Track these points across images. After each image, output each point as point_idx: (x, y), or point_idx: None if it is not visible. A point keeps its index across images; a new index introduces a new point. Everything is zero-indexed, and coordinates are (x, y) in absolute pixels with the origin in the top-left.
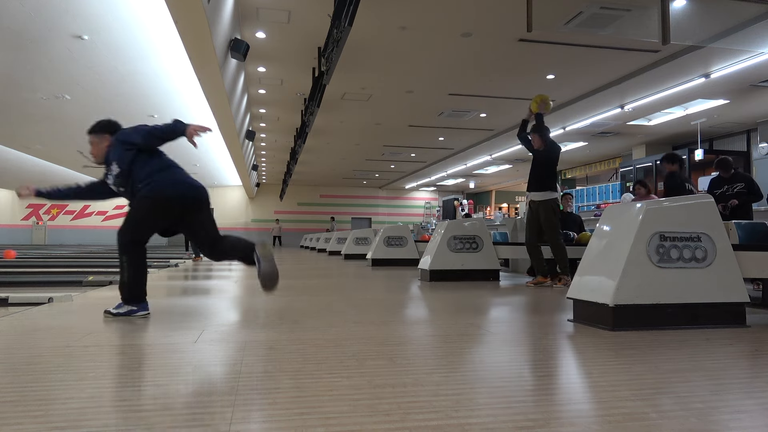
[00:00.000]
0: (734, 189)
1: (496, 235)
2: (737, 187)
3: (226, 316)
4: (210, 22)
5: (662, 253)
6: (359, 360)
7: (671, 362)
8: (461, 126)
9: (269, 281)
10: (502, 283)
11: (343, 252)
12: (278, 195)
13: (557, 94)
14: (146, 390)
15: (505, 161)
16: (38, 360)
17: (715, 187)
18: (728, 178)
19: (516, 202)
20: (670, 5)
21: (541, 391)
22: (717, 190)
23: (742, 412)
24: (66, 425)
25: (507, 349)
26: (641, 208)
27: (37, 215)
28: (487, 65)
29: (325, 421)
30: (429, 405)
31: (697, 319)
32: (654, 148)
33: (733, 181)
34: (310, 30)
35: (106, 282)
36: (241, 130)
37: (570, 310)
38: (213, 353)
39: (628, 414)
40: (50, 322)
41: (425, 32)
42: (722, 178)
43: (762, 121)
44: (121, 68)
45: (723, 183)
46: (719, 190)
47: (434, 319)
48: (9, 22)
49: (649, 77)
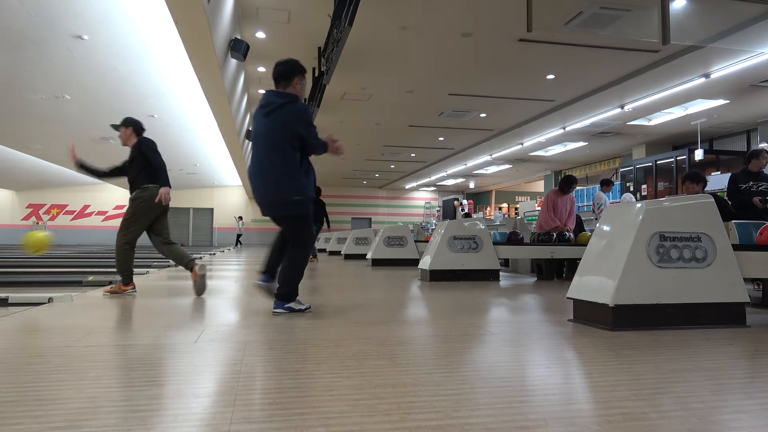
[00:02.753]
0: (759, 186)
1: (496, 235)
2: (762, 185)
3: (226, 316)
4: (210, 22)
5: (662, 253)
6: (359, 360)
7: (671, 362)
8: (461, 126)
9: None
10: (502, 283)
11: (343, 252)
12: None
13: (557, 94)
14: (146, 390)
15: (505, 161)
16: (38, 360)
17: (741, 181)
18: (756, 173)
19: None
20: (670, 5)
21: (541, 391)
22: (743, 185)
23: (742, 412)
24: (66, 425)
25: (507, 349)
26: (641, 208)
27: (37, 215)
28: (487, 65)
29: (325, 421)
30: (429, 405)
31: (697, 319)
32: (654, 148)
33: (759, 178)
34: (310, 30)
35: (106, 282)
36: (241, 130)
37: (570, 310)
38: (213, 353)
39: (628, 414)
40: (50, 322)
41: (425, 32)
42: (749, 172)
43: (762, 121)
44: (121, 68)
45: (749, 178)
46: (745, 184)
47: (434, 319)
48: (9, 22)
49: (649, 77)
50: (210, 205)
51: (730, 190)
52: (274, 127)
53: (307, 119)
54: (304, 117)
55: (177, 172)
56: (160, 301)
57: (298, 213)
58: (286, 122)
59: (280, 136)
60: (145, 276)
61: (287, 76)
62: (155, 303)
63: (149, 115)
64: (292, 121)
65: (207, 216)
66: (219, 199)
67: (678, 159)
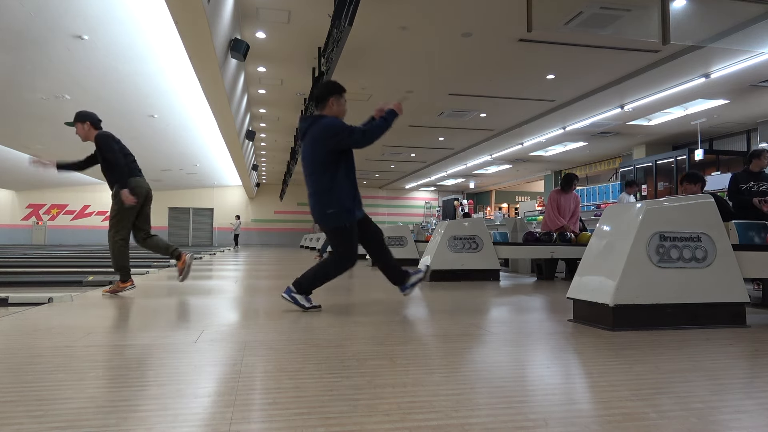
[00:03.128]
0: (760, 186)
1: (496, 235)
2: (763, 185)
3: (226, 316)
4: (210, 22)
5: (662, 253)
6: (359, 360)
7: (671, 362)
8: (461, 126)
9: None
10: (502, 283)
11: None
12: (278, 195)
13: (557, 94)
14: (146, 390)
15: (505, 161)
16: (38, 360)
17: (742, 182)
18: (756, 173)
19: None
20: (670, 5)
21: (541, 391)
22: (743, 185)
23: (742, 412)
24: (66, 425)
25: (507, 349)
26: (641, 208)
27: (37, 215)
28: (487, 65)
29: (325, 421)
30: (429, 405)
31: (697, 319)
32: (654, 148)
33: (759, 178)
34: (310, 30)
35: (106, 282)
36: (241, 130)
37: (570, 310)
38: (213, 353)
39: (628, 414)
40: (50, 322)
41: (425, 32)
42: (750, 172)
43: (762, 121)
44: (121, 68)
45: (750, 178)
46: (745, 184)
47: (434, 319)
48: (9, 22)
49: (649, 77)
50: (210, 205)
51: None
52: (306, 149)
53: (329, 131)
54: (327, 131)
55: (177, 172)
56: (160, 301)
57: (335, 225)
58: (313, 143)
59: (313, 156)
60: (145, 276)
61: (322, 98)
62: (155, 303)
63: (149, 115)
64: (317, 140)
65: (207, 216)
66: (219, 199)
67: (678, 159)
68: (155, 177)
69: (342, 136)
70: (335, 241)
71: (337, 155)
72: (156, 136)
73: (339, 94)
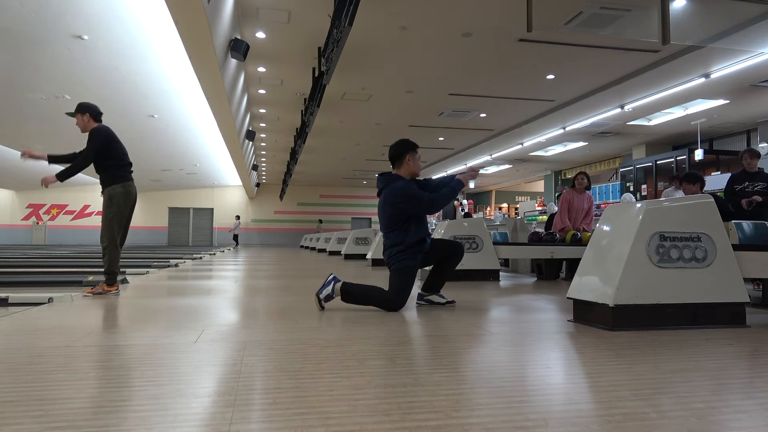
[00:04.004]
0: (755, 187)
1: (496, 235)
2: (758, 186)
3: (226, 316)
4: (210, 22)
5: (662, 253)
6: (359, 360)
7: (671, 362)
8: (461, 126)
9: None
10: (502, 283)
11: (343, 252)
12: (278, 195)
13: (557, 94)
14: (146, 390)
15: (505, 161)
16: (38, 360)
17: (737, 182)
18: (753, 174)
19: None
20: (670, 5)
21: (541, 391)
22: (738, 186)
23: (742, 412)
24: (66, 425)
25: (507, 349)
26: (641, 208)
27: (37, 215)
28: (487, 65)
29: (325, 421)
30: (429, 405)
31: (697, 319)
32: (654, 148)
33: (756, 178)
34: (310, 30)
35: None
36: (241, 130)
37: (570, 310)
38: (213, 353)
39: (628, 414)
40: (50, 322)
41: (425, 32)
42: (747, 173)
43: (762, 121)
44: (121, 68)
45: (746, 179)
46: (740, 185)
47: (434, 319)
48: (9, 22)
49: (649, 77)
50: (210, 205)
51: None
52: (381, 207)
53: (401, 198)
54: (399, 197)
55: (177, 172)
56: (160, 301)
57: (398, 266)
58: (386, 203)
59: (388, 214)
60: (145, 276)
61: (398, 156)
62: (155, 303)
63: (149, 115)
64: (390, 202)
65: (207, 216)
66: (219, 199)
67: (678, 159)
68: (155, 177)
69: (411, 204)
70: (394, 277)
71: (408, 214)
72: (156, 136)
73: (414, 151)
